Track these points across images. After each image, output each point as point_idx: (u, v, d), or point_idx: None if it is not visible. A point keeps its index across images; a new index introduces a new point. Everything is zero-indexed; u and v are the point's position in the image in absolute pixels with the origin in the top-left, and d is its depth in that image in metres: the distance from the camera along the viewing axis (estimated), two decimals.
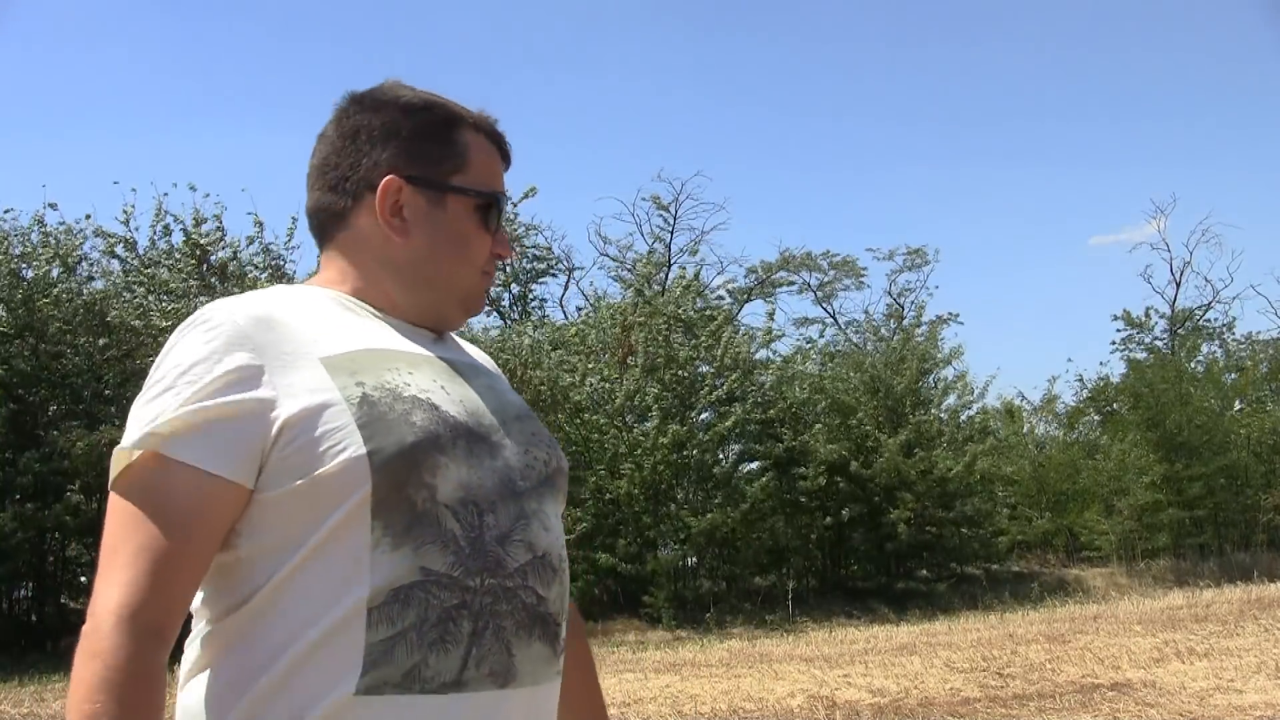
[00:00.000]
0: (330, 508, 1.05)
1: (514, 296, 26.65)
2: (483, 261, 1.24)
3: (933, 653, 9.77)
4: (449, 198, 1.21)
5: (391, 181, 1.19)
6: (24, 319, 13.84)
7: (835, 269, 29.68)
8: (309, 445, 1.05)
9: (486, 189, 1.23)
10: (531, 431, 1.23)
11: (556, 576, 1.16)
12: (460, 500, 1.08)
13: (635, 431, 16.86)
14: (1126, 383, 23.36)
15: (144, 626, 1.00)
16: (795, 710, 7.33)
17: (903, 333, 22.04)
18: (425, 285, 1.22)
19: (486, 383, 1.24)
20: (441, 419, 1.10)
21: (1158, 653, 8.63)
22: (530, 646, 1.11)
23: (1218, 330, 29.19)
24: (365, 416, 1.06)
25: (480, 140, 1.25)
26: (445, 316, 1.25)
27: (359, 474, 1.04)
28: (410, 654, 1.04)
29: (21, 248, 14.76)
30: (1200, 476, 20.07)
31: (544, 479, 1.20)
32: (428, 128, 1.22)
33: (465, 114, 1.25)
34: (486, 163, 1.25)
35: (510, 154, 1.30)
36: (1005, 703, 7.12)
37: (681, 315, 18.13)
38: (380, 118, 1.22)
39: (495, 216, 1.24)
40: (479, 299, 1.26)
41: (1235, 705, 6.47)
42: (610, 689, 8.56)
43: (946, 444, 18.72)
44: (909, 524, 17.76)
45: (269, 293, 1.19)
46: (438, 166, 1.21)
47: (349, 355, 1.11)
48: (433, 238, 1.20)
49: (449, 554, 1.06)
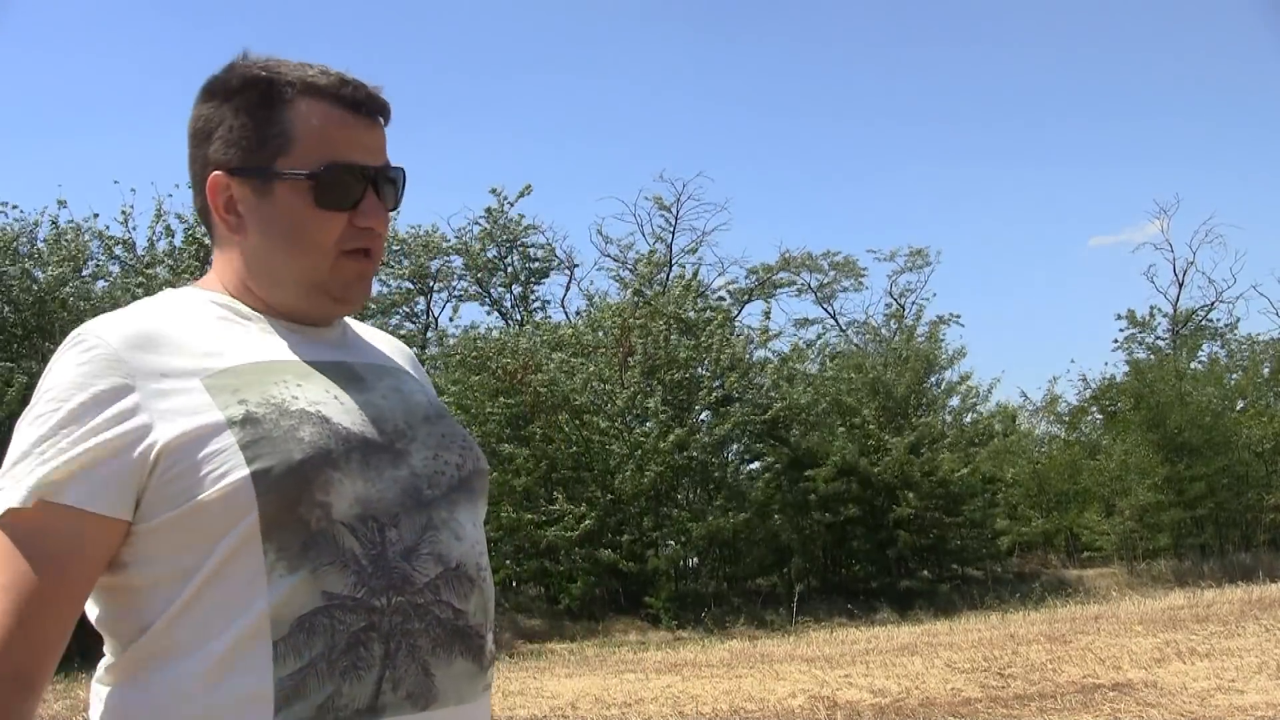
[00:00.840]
0: (218, 534, 1.00)
1: (515, 297, 26.65)
2: (332, 243, 1.11)
3: (934, 653, 9.77)
4: (275, 184, 1.10)
5: (217, 179, 1.12)
6: (33, 321, 13.86)
7: (836, 270, 29.67)
8: (189, 471, 1.00)
9: (320, 165, 1.09)
10: (442, 433, 1.16)
11: (474, 587, 1.10)
12: (358, 516, 1.03)
13: (636, 433, 16.87)
14: (1127, 383, 23.35)
15: (5, 673, 0.95)
16: (796, 710, 7.33)
17: (904, 333, 22.04)
18: (273, 281, 1.13)
19: (392, 384, 1.17)
20: (333, 432, 1.04)
21: (1159, 653, 8.62)
22: (451, 664, 1.06)
23: (1220, 330, 29.15)
24: (249, 436, 1.01)
25: (314, 106, 1.11)
26: (313, 311, 1.15)
27: (244, 497, 0.99)
28: (322, 685, 0.99)
29: (30, 246, 14.79)
30: (1201, 477, 20.07)
31: (456, 484, 1.13)
32: (246, 110, 1.11)
33: (293, 81, 1.11)
34: (322, 132, 1.10)
35: (376, 104, 1.14)
36: (1006, 703, 7.12)
37: (681, 316, 18.14)
38: (208, 108, 1.13)
39: (338, 191, 1.10)
40: (346, 284, 1.14)
41: (1236, 705, 6.47)
42: (611, 689, 8.56)
43: (949, 446, 18.74)
44: (910, 525, 17.77)
45: (152, 305, 1.13)
46: (257, 152, 1.10)
47: (231, 371, 1.05)
48: (265, 230, 1.12)
49: (350, 574, 1.01)
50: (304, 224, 1.11)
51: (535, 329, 20.06)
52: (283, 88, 1.11)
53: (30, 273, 14.10)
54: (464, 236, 25.30)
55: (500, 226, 25.21)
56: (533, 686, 9.07)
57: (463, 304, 26.73)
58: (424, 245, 24.66)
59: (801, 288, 29.47)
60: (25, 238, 14.91)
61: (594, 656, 12.45)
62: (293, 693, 0.98)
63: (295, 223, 1.11)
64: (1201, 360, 25.04)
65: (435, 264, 25.18)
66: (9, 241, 14.41)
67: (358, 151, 1.12)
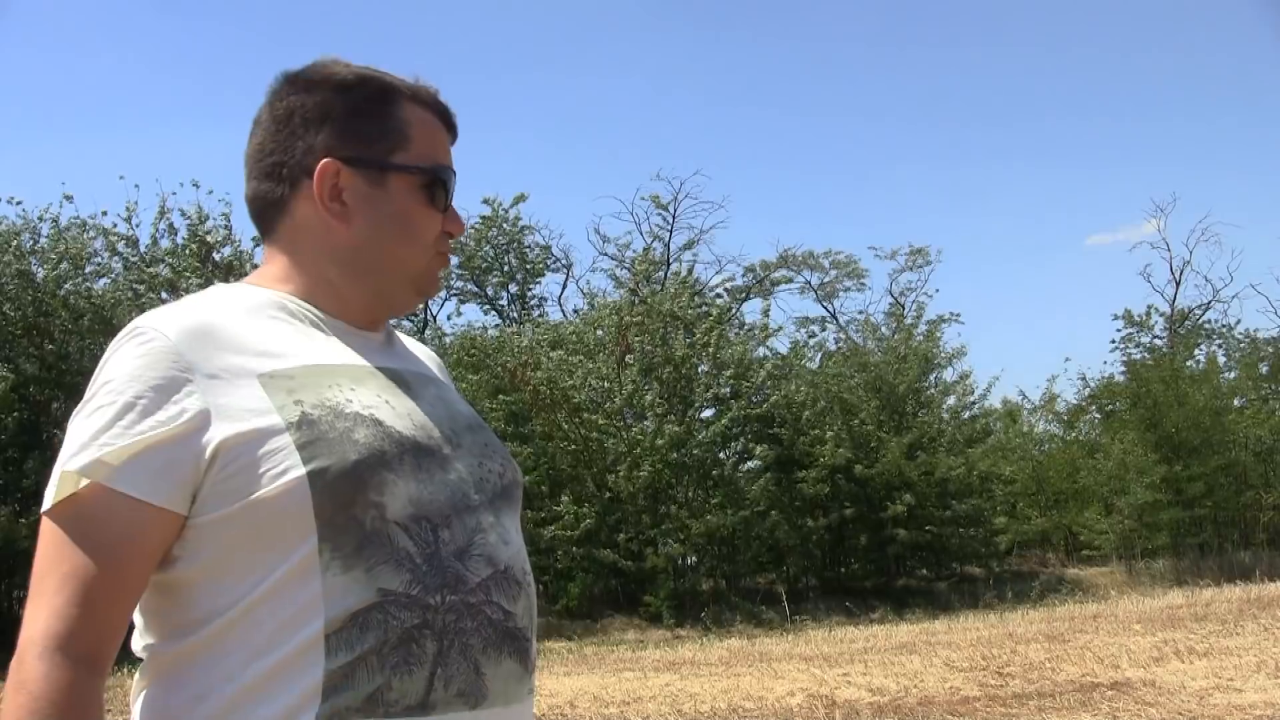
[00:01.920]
0: (273, 533, 1.01)
1: (512, 296, 26.64)
2: (432, 240, 1.18)
3: (932, 652, 9.77)
4: (390, 177, 1.15)
5: (328, 165, 1.13)
6: (32, 319, 13.84)
7: (837, 268, 29.66)
8: (246, 469, 1.01)
9: (430, 164, 1.17)
10: (484, 443, 1.18)
11: (522, 590, 1.11)
12: (411, 517, 1.04)
13: (634, 430, 16.86)
14: (1124, 383, 23.36)
15: (73, 655, 0.96)
16: (794, 709, 7.32)
17: (903, 332, 22.04)
18: (372, 271, 1.16)
19: (436, 393, 1.19)
20: (387, 434, 1.06)
21: (1157, 652, 8.63)
22: (500, 664, 1.07)
23: (1218, 330, 29.15)
24: (305, 436, 1.02)
25: (421, 113, 1.18)
26: (396, 302, 1.20)
27: (300, 497, 1.00)
28: (371, 678, 1.00)
29: (32, 242, 14.76)
30: (1200, 476, 20.07)
31: (499, 491, 1.15)
32: (363, 105, 1.15)
33: (403, 87, 1.18)
34: (429, 137, 1.18)
35: (455, 124, 1.23)
36: (1005, 702, 7.12)
37: (679, 314, 18.13)
38: (313, 98, 1.15)
39: (442, 192, 1.18)
40: (432, 280, 1.21)
41: (1235, 704, 6.47)
42: (610, 687, 8.56)
43: (947, 445, 18.74)
44: (908, 523, 17.77)
45: (206, 299, 1.13)
46: (376, 145, 1.15)
47: (287, 372, 1.06)
48: (376, 220, 1.15)
49: (404, 572, 1.02)
50: (414, 218, 1.16)
51: (535, 327, 20.07)
52: (399, 89, 1.18)
53: (27, 272, 14.07)
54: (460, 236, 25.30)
55: (497, 227, 25.23)
56: None
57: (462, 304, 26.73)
58: None
59: (803, 286, 29.48)
60: (28, 233, 14.88)
61: (592, 655, 12.45)
62: (341, 682, 0.99)
63: (407, 215, 1.16)
64: (1199, 359, 25.03)
65: None
66: (9, 238, 14.38)
67: (449, 161, 1.21)
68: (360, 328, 1.18)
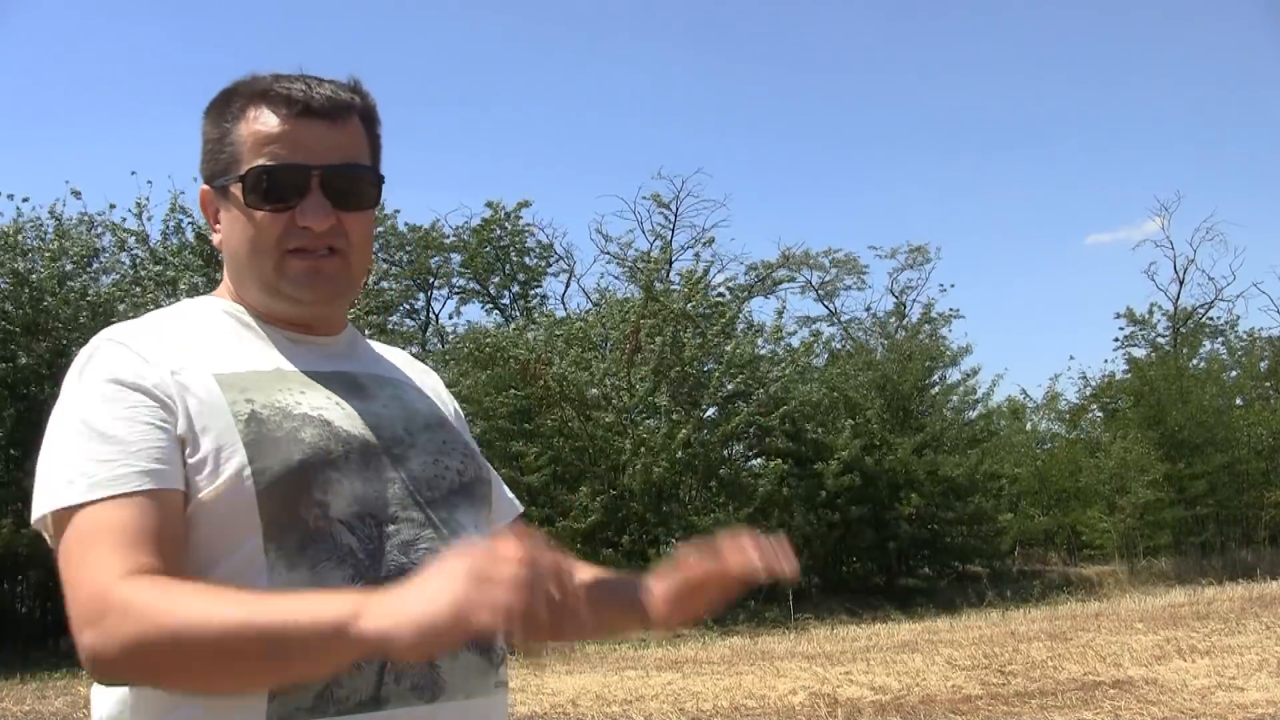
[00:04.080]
0: (219, 529, 1.02)
1: (514, 295, 26.65)
2: (272, 243, 1.13)
3: (934, 650, 9.77)
4: (230, 192, 1.15)
5: (203, 193, 1.20)
6: (31, 317, 13.85)
7: (837, 267, 29.62)
8: (197, 463, 1.02)
9: (250, 166, 1.12)
10: (442, 440, 1.19)
11: None
12: (356, 514, 1.05)
13: (641, 428, 16.85)
14: (1127, 381, 23.34)
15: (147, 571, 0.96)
16: (797, 707, 7.33)
17: (906, 331, 22.04)
18: (240, 283, 1.19)
19: (393, 393, 1.21)
20: (334, 434, 1.08)
21: (1159, 650, 8.63)
22: (456, 657, 1.06)
23: (1220, 328, 29.09)
24: (252, 434, 1.04)
25: (261, 113, 1.13)
26: (275, 310, 1.17)
27: (245, 495, 1.01)
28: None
29: (36, 240, 14.77)
30: (1202, 475, 20.06)
31: (456, 488, 1.16)
32: (212, 124, 1.18)
33: (243, 92, 1.15)
34: (262, 137, 1.13)
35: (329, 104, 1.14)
36: (1007, 700, 7.12)
37: (689, 312, 18.10)
38: (204, 125, 1.20)
39: (271, 192, 1.12)
40: (294, 283, 1.14)
41: (1237, 703, 6.47)
42: (612, 686, 8.56)
43: (951, 444, 18.72)
44: (912, 522, 17.76)
45: (163, 312, 1.20)
46: (216, 161, 1.17)
47: (239, 374, 1.10)
48: (228, 236, 1.17)
49: (347, 568, 1.03)
50: (246, 226, 1.15)
51: (551, 321, 20.04)
52: (235, 98, 1.16)
53: (26, 271, 14.07)
54: (461, 234, 25.33)
55: (499, 226, 25.25)
56: (533, 684, 9.07)
57: (463, 303, 26.71)
58: (423, 242, 24.65)
59: (804, 285, 29.45)
60: (32, 231, 14.89)
61: (594, 653, 12.46)
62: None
63: (242, 226, 1.15)
64: (1202, 357, 25.01)
65: (434, 261, 25.19)
66: (10, 235, 14.38)
67: (300, 153, 1.12)
68: (305, 333, 1.20)
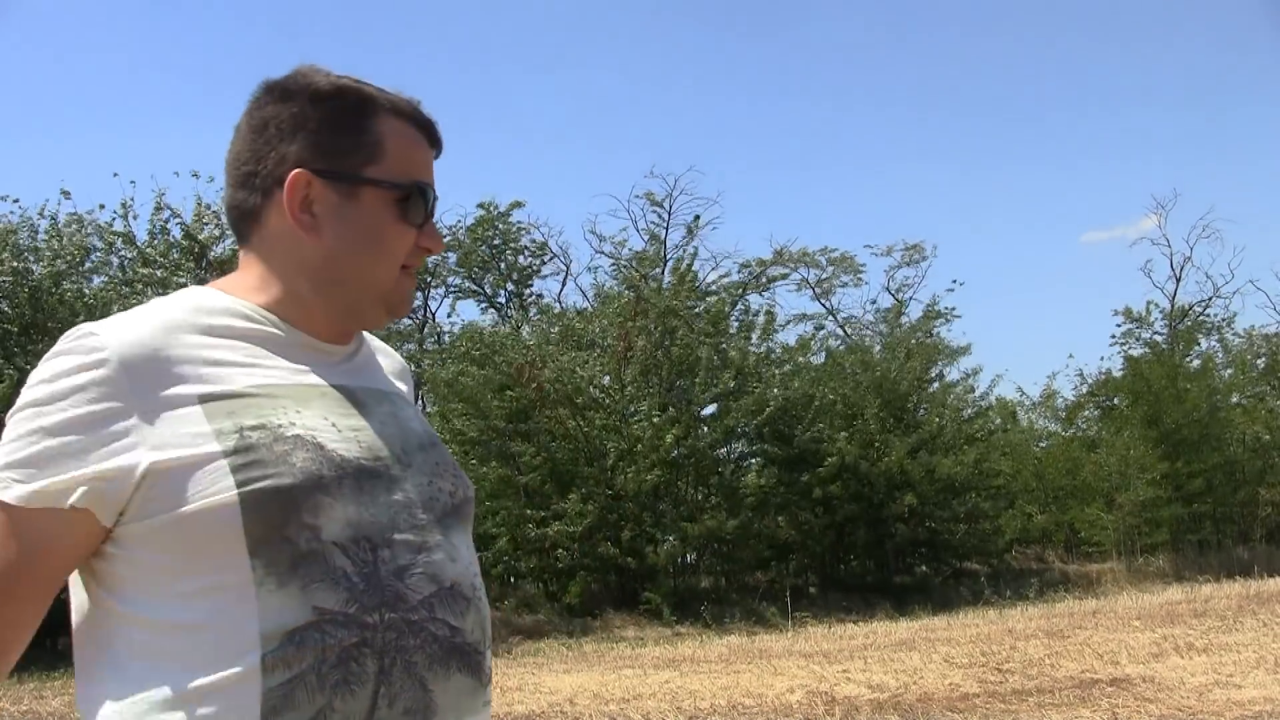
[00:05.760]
0: (200, 547, 1.00)
1: (510, 294, 26.63)
2: (403, 257, 1.16)
3: (932, 648, 9.77)
4: (363, 191, 1.13)
5: (299, 176, 1.12)
6: (30, 316, 13.83)
7: (833, 265, 29.61)
8: (175, 489, 1.00)
9: (405, 179, 1.15)
10: (436, 461, 1.18)
11: (470, 605, 1.11)
12: (350, 538, 1.04)
13: (635, 428, 16.85)
14: (1124, 379, 23.36)
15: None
16: (794, 706, 7.33)
17: (909, 329, 22.04)
18: (339, 284, 1.15)
19: (389, 410, 1.18)
20: (327, 458, 1.05)
21: (1156, 648, 8.63)
22: (449, 679, 1.06)
23: (1217, 326, 29.09)
24: (241, 460, 1.01)
25: (400, 126, 1.16)
26: (365, 318, 1.19)
27: (229, 516, 1.00)
28: (312, 698, 0.98)
29: (30, 240, 14.75)
30: (1200, 473, 20.09)
31: (449, 509, 1.15)
32: (338, 117, 1.14)
33: (381, 99, 1.16)
34: (406, 151, 1.16)
35: (439, 138, 1.21)
36: (1004, 698, 7.12)
37: (680, 311, 18.11)
38: (289, 108, 1.14)
39: (417, 208, 1.16)
40: (402, 297, 1.19)
41: (1234, 700, 6.47)
42: (610, 685, 8.56)
43: (947, 444, 18.73)
44: (908, 521, 17.77)
45: (162, 310, 1.11)
46: (349, 158, 1.13)
47: (231, 394, 1.06)
48: (345, 234, 1.13)
49: (341, 591, 1.01)
50: (384, 233, 1.15)
51: (545, 320, 20.03)
52: (376, 101, 1.16)
53: (24, 270, 14.06)
54: (456, 233, 25.31)
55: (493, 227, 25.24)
56: (531, 682, 9.07)
57: (459, 300, 26.72)
58: None
59: (799, 283, 29.43)
60: (26, 231, 14.87)
61: (592, 652, 12.46)
62: (281, 703, 0.98)
63: (377, 230, 1.14)
64: (1197, 355, 25.03)
65: (430, 260, 25.17)
66: (6, 236, 14.36)
67: (428, 176, 1.19)
68: (325, 340, 1.18)
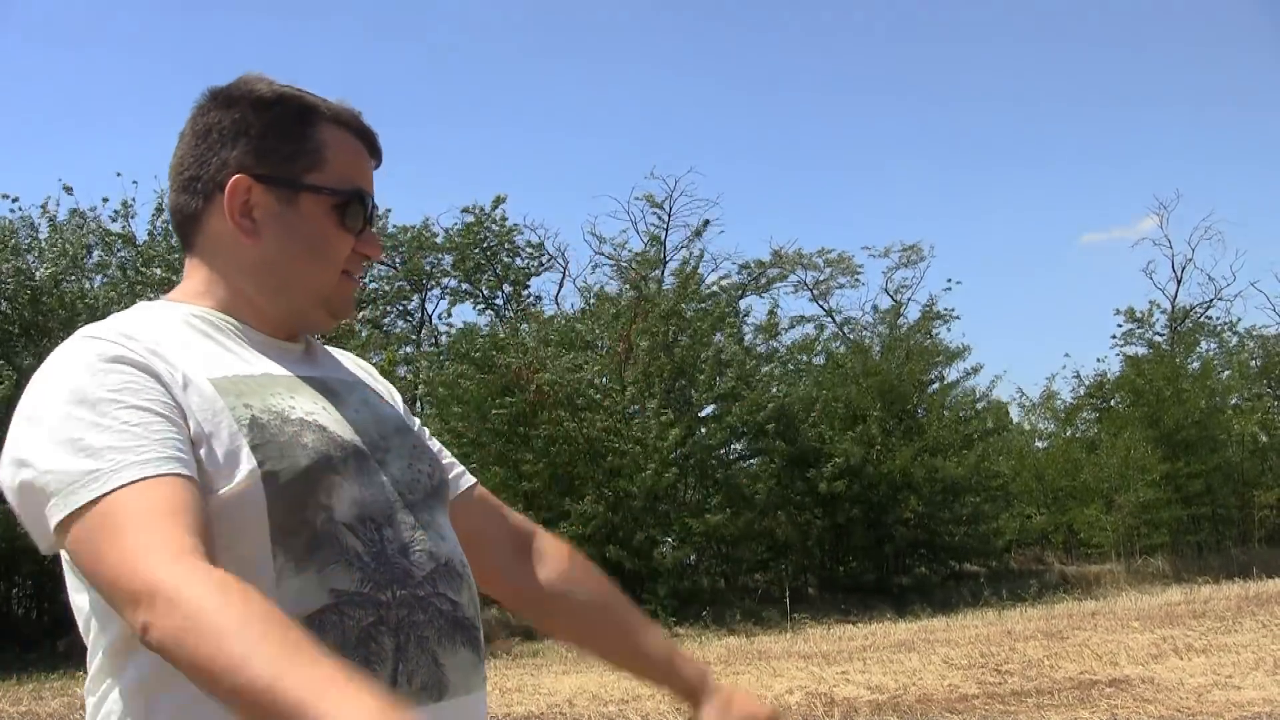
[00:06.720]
0: (228, 534, 0.99)
1: (507, 295, 26.61)
2: (343, 262, 1.18)
3: (931, 649, 9.77)
4: (302, 197, 1.14)
5: (239, 181, 1.13)
6: (30, 317, 13.84)
7: (831, 266, 29.59)
8: (208, 467, 1.00)
9: (345, 186, 1.16)
10: (412, 445, 1.21)
11: (463, 582, 1.14)
12: (357, 517, 1.05)
13: (635, 429, 16.84)
14: (1125, 379, 23.35)
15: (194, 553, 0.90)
16: (793, 707, 7.33)
17: (900, 331, 22.03)
18: (280, 289, 1.16)
19: (361, 398, 1.21)
20: (331, 439, 1.07)
21: (1156, 649, 8.63)
22: (456, 654, 1.09)
23: (1218, 329, 29.06)
24: (256, 439, 1.02)
25: (341, 135, 1.18)
26: (309, 321, 1.20)
27: (255, 498, 1.00)
28: None
29: (30, 239, 14.75)
30: (1200, 474, 20.10)
31: (430, 491, 1.18)
32: (279, 123, 1.15)
33: (323, 107, 1.18)
34: (347, 159, 1.17)
35: (379, 148, 1.23)
36: (1003, 699, 7.12)
37: (681, 312, 18.10)
38: (231, 114, 1.16)
39: (356, 215, 1.17)
40: (343, 301, 1.20)
41: (1233, 701, 6.48)
42: (609, 686, 8.56)
43: (948, 443, 18.72)
44: (908, 524, 17.77)
45: (136, 316, 1.12)
46: (290, 164, 1.14)
47: (229, 379, 1.07)
48: (284, 239, 1.14)
49: (355, 571, 1.03)
50: (325, 239, 1.16)
51: (546, 323, 20.02)
52: (318, 110, 1.18)
53: (25, 270, 14.06)
54: (452, 235, 25.32)
55: (485, 229, 25.24)
56: (530, 683, 9.06)
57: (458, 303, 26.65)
58: (415, 243, 24.63)
59: (797, 285, 29.41)
60: (26, 230, 14.87)
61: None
62: None
63: (317, 236, 1.15)
64: (1197, 357, 25.02)
65: (426, 263, 25.17)
66: (7, 236, 14.36)
67: (367, 184, 1.20)
68: (280, 339, 1.19)
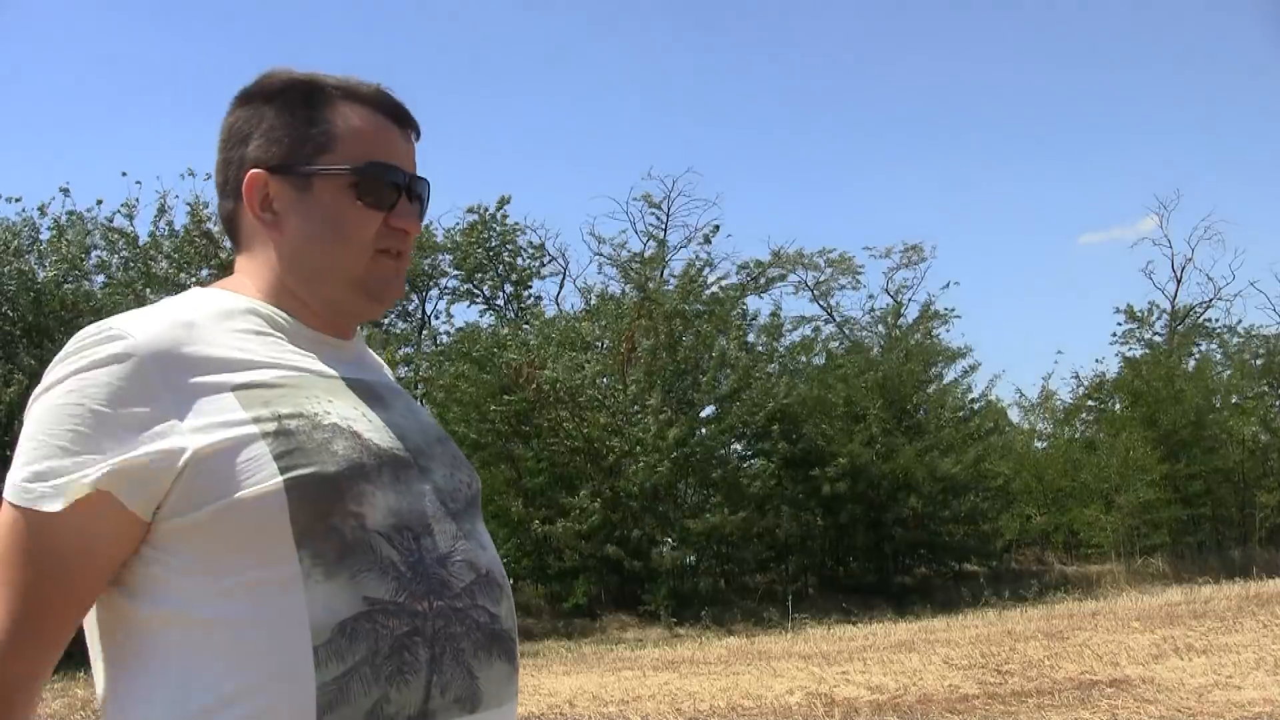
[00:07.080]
0: (246, 539, 0.99)
1: (507, 296, 26.62)
2: (370, 239, 1.15)
3: (931, 650, 9.77)
4: (315, 181, 1.13)
5: (255, 176, 1.14)
6: (32, 320, 13.82)
7: (832, 266, 29.60)
8: (218, 477, 0.99)
9: (360, 162, 1.14)
10: (453, 454, 1.20)
11: (503, 593, 1.13)
12: (393, 526, 1.04)
13: (637, 428, 16.84)
14: (1123, 379, 23.35)
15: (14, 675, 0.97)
16: (794, 707, 7.32)
17: (908, 331, 22.05)
18: (312, 277, 1.15)
19: (406, 404, 1.20)
20: (365, 447, 1.05)
21: (1156, 649, 8.63)
22: (492, 666, 1.07)
23: (1217, 330, 29.06)
24: (282, 446, 1.00)
25: (356, 110, 1.15)
26: (349, 308, 1.18)
27: (276, 504, 0.99)
28: (368, 690, 0.97)
29: (32, 241, 14.74)
30: (1199, 474, 20.10)
31: (470, 500, 1.17)
32: (287, 111, 1.15)
33: (332, 87, 1.16)
34: (363, 133, 1.15)
35: (408, 117, 1.20)
36: (1004, 699, 7.12)
37: (684, 312, 18.10)
38: (247, 111, 1.16)
39: (375, 188, 1.14)
40: (383, 282, 1.17)
41: (1233, 701, 6.47)
42: (609, 686, 8.55)
43: (948, 443, 18.73)
44: (908, 524, 17.77)
45: (181, 304, 1.11)
46: (300, 150, 1.13)
47: (263, 383, 1.05)
48: (306, 226, 1.14)
49: (389, 580, 1.01)
50: (344, 219, 1.14)
51: (545, 324, 20.03)
52: (326, 90, 1.16)
53: (27, 272, 14.04)
54: (452, 235, 25.33)
55: (488, 229, 25.25)
56: (530, 684, 9.06)
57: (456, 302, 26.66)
58: (415, 243, 24.63)
59: (797, 285, 29.42)
60: (27, 232, 14.86)
61: (591, 654, 12.45)
62: (337, 697, 0.97)
63: (336, 217, 1.14)
64: (1196, 356, 25.03)
65: (426, 263, 25.16)
66: (10, 238, 14.35)
67: (395, 157, 1.17)
68: (331, 335, 1.18)
